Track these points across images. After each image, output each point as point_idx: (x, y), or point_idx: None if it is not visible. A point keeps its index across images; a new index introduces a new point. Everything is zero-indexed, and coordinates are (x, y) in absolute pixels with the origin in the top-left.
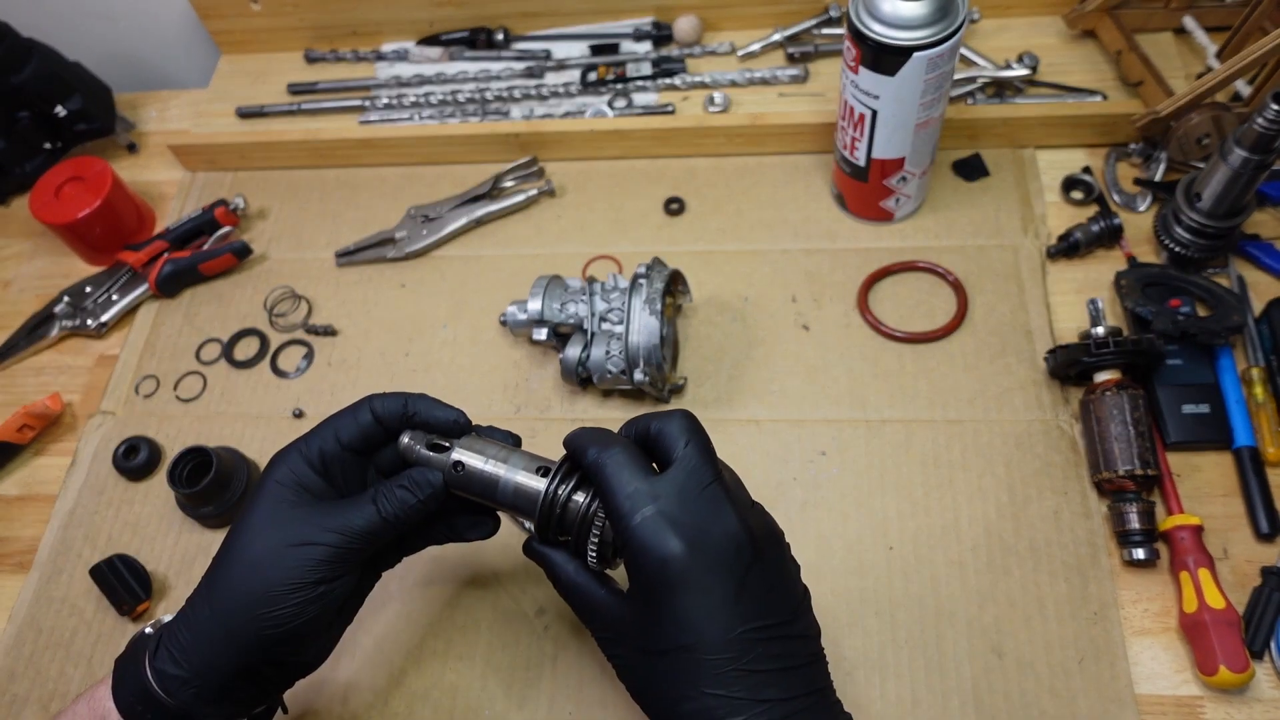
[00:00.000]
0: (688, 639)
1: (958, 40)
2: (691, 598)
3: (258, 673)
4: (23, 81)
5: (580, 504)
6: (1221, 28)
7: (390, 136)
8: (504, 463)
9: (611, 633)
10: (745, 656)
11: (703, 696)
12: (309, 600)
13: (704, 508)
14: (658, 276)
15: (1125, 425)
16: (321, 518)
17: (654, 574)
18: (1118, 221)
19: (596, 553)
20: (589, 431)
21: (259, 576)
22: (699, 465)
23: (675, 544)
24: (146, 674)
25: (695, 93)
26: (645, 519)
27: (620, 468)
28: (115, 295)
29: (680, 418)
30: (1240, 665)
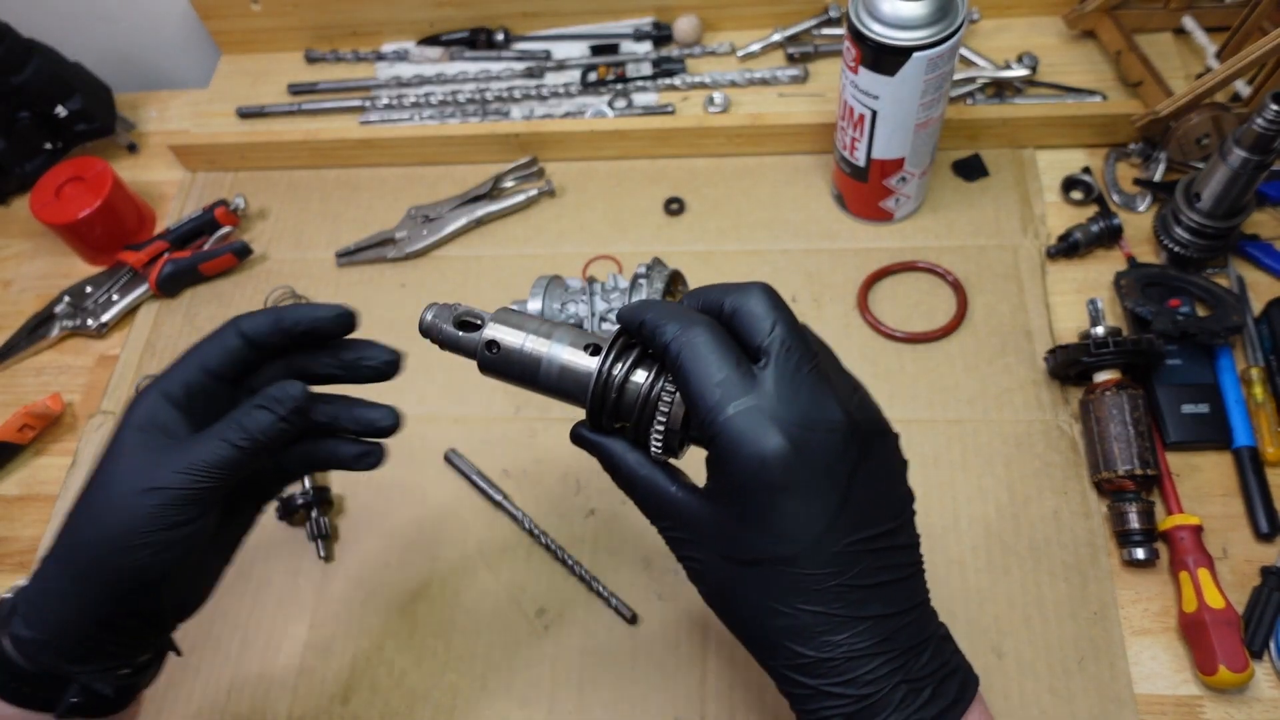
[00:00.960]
0: (785, 550)
1: (957, 40)
2: (792, 504)
3: (122, 626)
4: (23, 82)
5: (640, 385)
6: (1221, 28)
7: (390, 137)
8: (546, 338)
9: (687, 534)
10: (848, 571)
11: (798, 613)
12: (161, 548)
13: (805, 400)
14: (658, 276)
15: (1125, 425)
16: (171, 458)
17: (750, 475)
18: (1117, 222)
19: (662, 442)
20: (658, 306)
21: (106, 527)
22: (794, 349)
23: (776, 442)
24: (4, 641)
25: (695, 93)
26: (742, 412)
27: (708, 350)
28: (116, 295)
29: (760, 293)
30: (1240, 665)
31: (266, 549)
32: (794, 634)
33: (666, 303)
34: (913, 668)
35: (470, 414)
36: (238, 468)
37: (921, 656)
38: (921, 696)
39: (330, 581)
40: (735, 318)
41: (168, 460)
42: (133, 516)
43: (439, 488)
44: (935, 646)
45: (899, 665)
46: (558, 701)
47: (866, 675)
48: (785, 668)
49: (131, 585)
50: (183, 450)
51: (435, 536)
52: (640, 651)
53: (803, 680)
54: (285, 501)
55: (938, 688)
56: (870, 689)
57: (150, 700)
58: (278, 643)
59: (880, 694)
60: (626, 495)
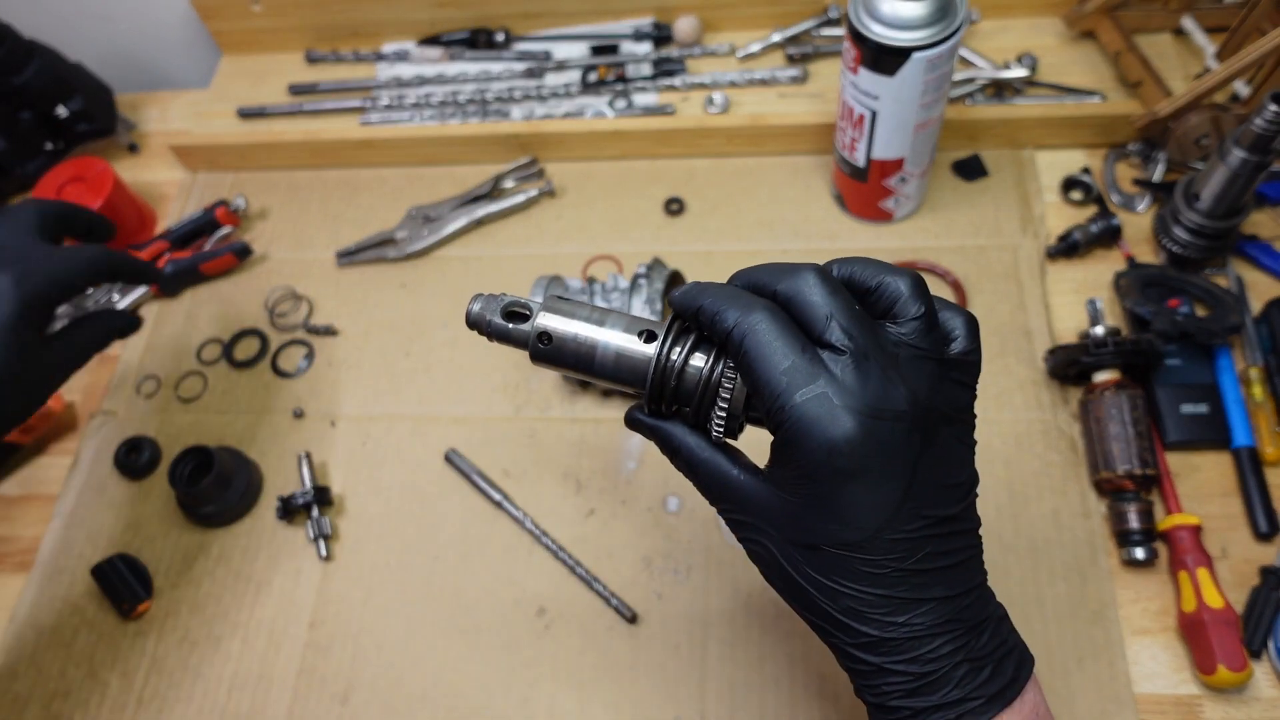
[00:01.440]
0: (851, 536)
1: (957, 41)
2: (859, 490)
3: None
4: (24, 82)
5: (699, 370)
6: (1220, 28)
7: (391, 137)
8: (600, 325)
9: (750, 517)
10: (911, 556)
11: (862, 594)
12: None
13: (872, 388)
14: (658, 276)
15: (1124, 425)
16: (51, 355)
17: (819, 461)
18: (1117, 222)
19: (724, 426)
20: (715, 289)
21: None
22: (857, 335)
23: (846, 429)
24: None
25: (695, 93)
26: (811, 399)
27: (772, 337)
28: (116, 295)
29: (813, 276)
30: (1239, 665)
31: (266, 549)
32: (857, 614)
33: (723, 286)
34: (974, 646)
35: (470, 414)
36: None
37: (982, 636)
38: (982, 674)
39: (330, 581)
40: (791, 303)
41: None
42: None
43: (439, 488)
44: (994, 626)
45: (961, 644)
46: (558, 701)
47: (929, 654)
48: (849, 645)
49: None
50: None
51: (435, 536)
52: (640, 651)
53: (865, 658)
54: (285, 501)
55: (997, 666)
56: (933, 666)
57: (150, 700)
58: (278, 643)
59: (942, 671)
60: (687, 477)
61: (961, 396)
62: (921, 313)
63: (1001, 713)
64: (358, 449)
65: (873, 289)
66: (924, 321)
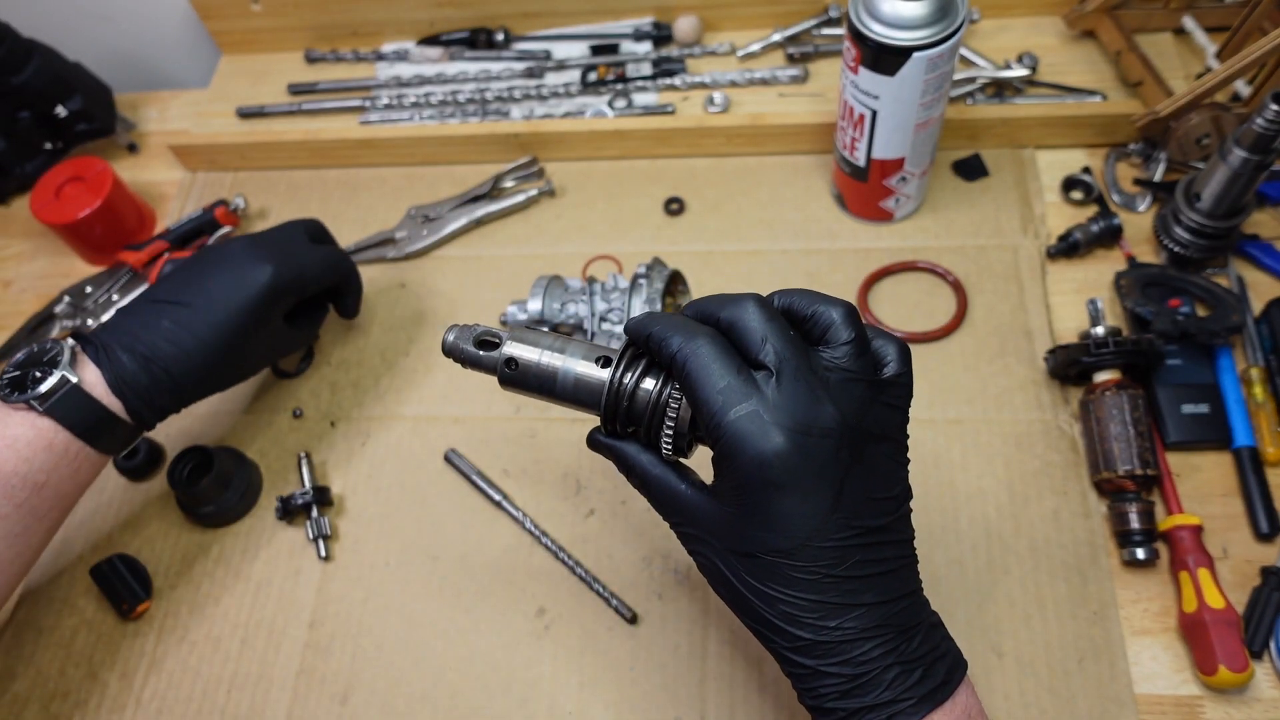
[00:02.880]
0: (783, 544)
1: (957, 40)
2: (789, 501)
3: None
4: (23, 82)
5: (650, 391)
6: (1221, 28)
7: (390, 137)
8: (560, 353)
9: (696, 529)
10: (841, 563)
11: (797, 600)
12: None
13: (801, 405)
14: (658, 276)
15: (1125, 425)
16: (284, 333)
17: (751, 474)
18: (1117, 221)
19: (671, 443)
20: (663, 319)
21: (239, 359)
22: (789, 357)
23: (776, 443)
24: (95, 391)
25: (695, 93)
26: (742, 415)
27: (710, 360)
28: (116, 295)
29: (753, 304)
30: (1240, 665)
31: (266, 549)
32: (793, 619)
33: (670, 315)
34: (904, 650)
35: (470, 414)
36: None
37: (913, 640)
38: (913, 676)
39: (330, 581)
40: (732, 329)
41: (280, 335)
42: (253, 355)
43: (439, 488)
44: (925, 632)
45: (891, 648)
46: (558, 701)
47: (860, 656)
48: (786, 649)
49: (227, 382)
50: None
51: (435, 536)
52: (640, 651)
53: (802, 661)
54: (285, 501)
55: (928, 669)
56: (864, 668)
57: (149, 700)
58: (278, 643)
59: (873, 673)
60: (641, 494)
61: (892, 418)
62: (852, 338)
63: (932, 713)
64: (357, 449)
65: (808, 316)
66: (854, 346)
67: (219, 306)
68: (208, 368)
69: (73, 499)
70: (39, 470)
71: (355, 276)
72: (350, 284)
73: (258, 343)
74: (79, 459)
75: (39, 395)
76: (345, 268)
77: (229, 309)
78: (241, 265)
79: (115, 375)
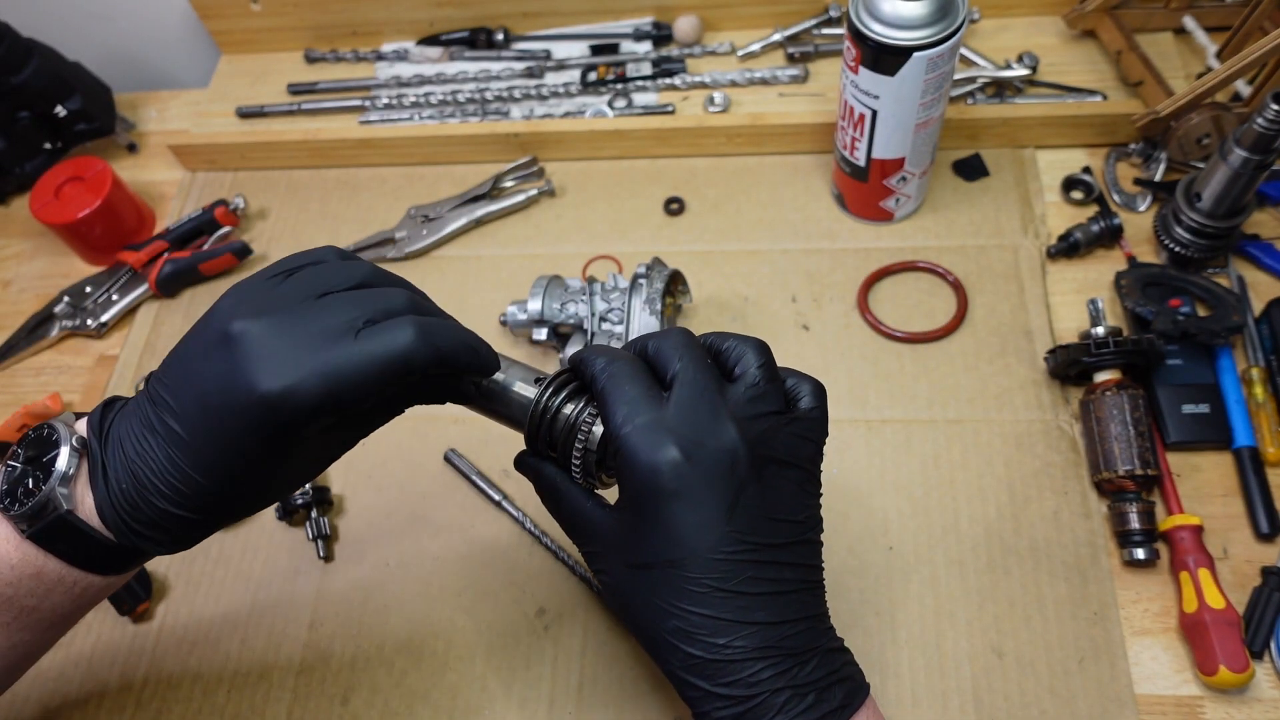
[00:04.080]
0: (674, 554)
1: (958, 40)
2: (681, 511)
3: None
4: (23, 81)
5: (569, 415)
6: (1221, 28)
7: (390, 136)
8: (503, 373)
9: (598, 546)
10: (733, 578)
11: (688, 615)
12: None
13: (701, 420)
14: (658, 276)
15: (1125, 425)
16: (319, 453)
17: (644, 483)
18: (1118, 221)
19: (580, 463)
20: (597, 347)
21: (257, 497)
22: (696, 378)
23: (668, 453)
24: (76, 517)
25: (695, 93)
26: (638, 426)
27: (622, 378)
28: (115, 295)
29: (677, 334)
30: (1240, 665)
31: (266, 549)
32: (684, 635)
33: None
34: (797, 675)
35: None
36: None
37: (807, 665)
38: (805, 701)
39: (330, 581)
40: (654, 356)
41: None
42: (277, 486)
43: (439, 488)
44: (822, 657)
45: (782, 670)
46: (558, 701)
47: (750, 678)
48: (679, 669)
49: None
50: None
51: (435, 536)
52: (640, 652)
53: (694, 681)
54: (285, 501)
55: (821, 694)
56: (754, 690)
57: (149, 701)
58: (278, 643)
59: (762, 697)
60: (553, 516)
61: (802, 448)
62: (760, 366)
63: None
64: (357, 449)
65: (721, 350)
66: (762, 373)
67: (215, 439)
68: (215, 510)
69: (80, 613)
70: (27, 595)
71: (468, 350)
72: (464, 360)
73: (284, 470)
74: (79, 585)
75: (24, 515)
76: (416, 355)
77: (226, 446)
78: (233, 371)
79: (108, 504)
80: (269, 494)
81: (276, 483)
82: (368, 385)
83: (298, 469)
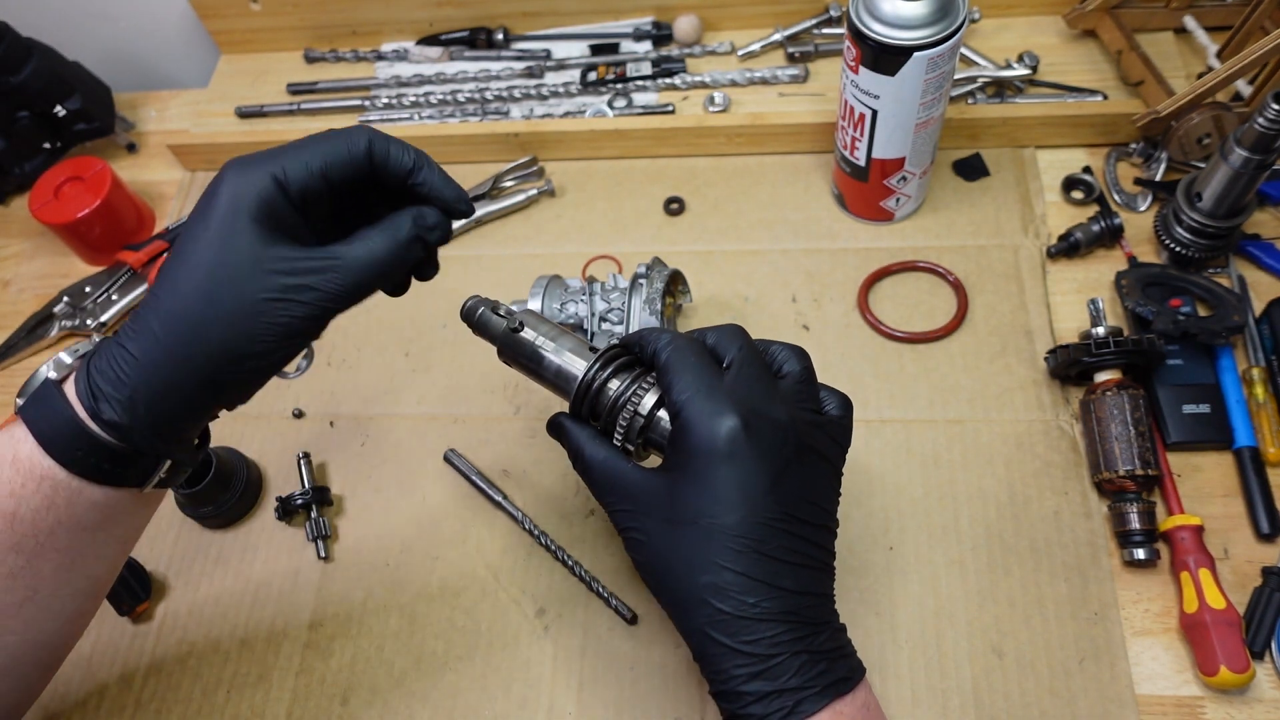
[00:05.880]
0: (720, 512)
1: (958, 40)
2: (733, 471)
3: (214, 411)
4: (22, 81)
5: (617, 388)
6: (1222, 27)
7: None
8: (554, 340)
9: (632, 505)
10: (770, 542)
11: (722, 571)
12: (285, 354)
13: (757, 397)
14: (658, 276)
15: (1125, 425)
16: (306, 262)
17: (704, 442)
18: (1118, 221)
19: (625, 429)
20: (657, 329)
21: (233, 331)
22: (753, 363)
23: (729, 418)
24: (91, 425)
25: (695, 92)
26: (701, 393)
27: (688, 353)
28: (115, 295)
29: (733, 328)
30: (1241, 665)
31: (266, 549)
32: (716, 590)
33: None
34: (812, 642)
35: (470, 414)
36: (381, 281)
37: (820, 635)
38: (818, 667)
39: (330, 581)
40: (713, 344)
41: (303, 264)
42: (263, 324)
43: (439, 488)
44: (832, 632)
45: (800, 636)
46: (558, 702)
47: (772, 638)
48: (705, 624)
49: (247, 379)
50: (325, 258)
51: (435, 536)
52: (640, 652)
53: (718, 637)
54: (284, 502)
55: (831, 664)
56: (774, 650)
57: (149, 701)
58: (278, 643)
59: (781, 659)
60: (581, 477)
61: (831, 447)
62: (804, 368)
63: (834, 701)
64: (356, 449)
65: (768, 351)
66: (805, 374)
67: (188, 253)
68: (190, 345)
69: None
70: (5, 495)
71: (397, 148)
72: (394, 161)
73: (250, 288)
74: (47, 483)
75: (22, 393)
76: (355, 139)
77: (198, 249)
78: (208, 194)
79: (82, 372)
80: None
81: (237, 306)
82: (312, 160)
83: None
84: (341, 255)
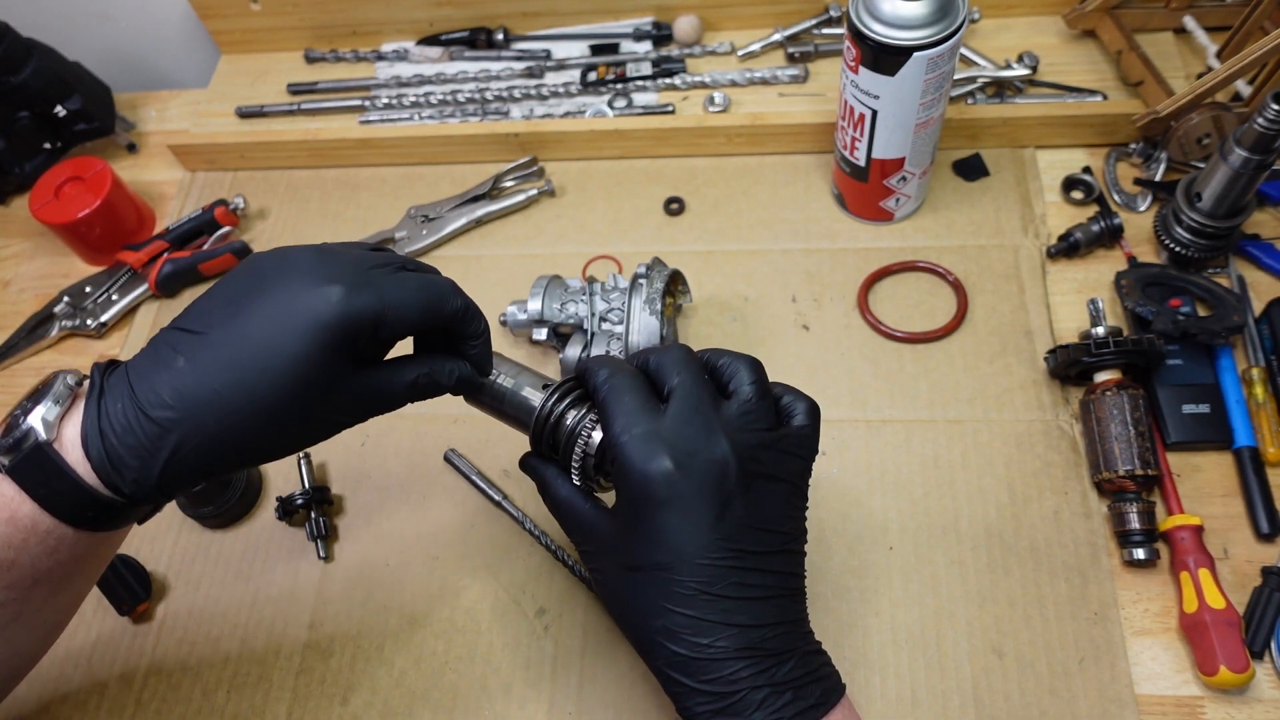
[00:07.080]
0: (663, 557)
1: (958, 40)
2: (671, 516)
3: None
4: (22, 81)
5: (572, 421)
6: (1222, 28)
7: (390, 136)
8: (513, 378)
9: (593, 546)
10: (718, 583)
11: (673, 615)
12: (309, 442)
13: (695, 433)
14: (658, 276)
15: (1125, 425)
16: (378, 390)
17: (638, 489)
18: (1118, 221)
19: (579, 467)
20: (601, 358)
21: (288, 439)
22: (691, 393)
23: (661, 462)
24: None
25: (695, 93)
26: (635, 436)
27: (624, 390)
28: (115, 295)
29: (676, 350)
30: (1240, 665)
31: (266, 549)
32: (670, 634)
33: (607, 357)
34: (775, 674)
35: (470, 414)
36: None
37: (785, 665)
38: (782, 698)
39: (330, 581)
40: (654, 370)
41: (371, 400)
42: (322, 433)
43: (439, 488)
44: (800, 659)
45: (761, 670)
46: (557, 702)
47: (730, 676)
48: (664, 665)
49: (276, 458)
50: (371, 392)
51: (435, 536)
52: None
53: (677, 677)
54: (285, 501)
55: (798, 691)
56: (734, 687)
57: (149, 701)
58: (278, 643)
59: (742, 693)
60: (553, 515)
61: (790, 463)
62: (753, 383)
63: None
64: (357, 449)
65: (718, 366)
66: (755, 389)
67: (253, 343)
68: (227, 434)
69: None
70: (3, 546)
71: (474, 314)
72: (467, 322)
73: (312, 405)
74: (51, 536)
75: (6, 448)
76: (450, 299)
77: (268, 348)
78: (293, 282)
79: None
80: (290, 433)
81: (305, 414)
82: (412, 310)
83: (330, 406)
84: (399, 385)
